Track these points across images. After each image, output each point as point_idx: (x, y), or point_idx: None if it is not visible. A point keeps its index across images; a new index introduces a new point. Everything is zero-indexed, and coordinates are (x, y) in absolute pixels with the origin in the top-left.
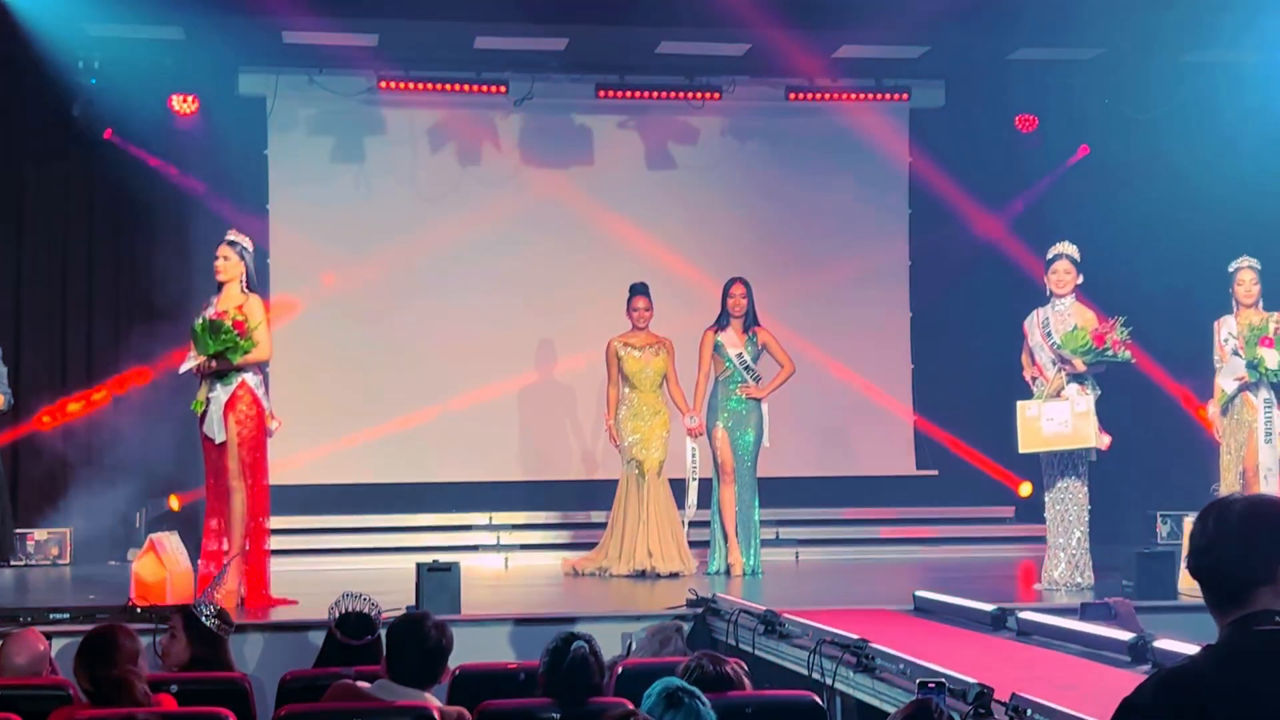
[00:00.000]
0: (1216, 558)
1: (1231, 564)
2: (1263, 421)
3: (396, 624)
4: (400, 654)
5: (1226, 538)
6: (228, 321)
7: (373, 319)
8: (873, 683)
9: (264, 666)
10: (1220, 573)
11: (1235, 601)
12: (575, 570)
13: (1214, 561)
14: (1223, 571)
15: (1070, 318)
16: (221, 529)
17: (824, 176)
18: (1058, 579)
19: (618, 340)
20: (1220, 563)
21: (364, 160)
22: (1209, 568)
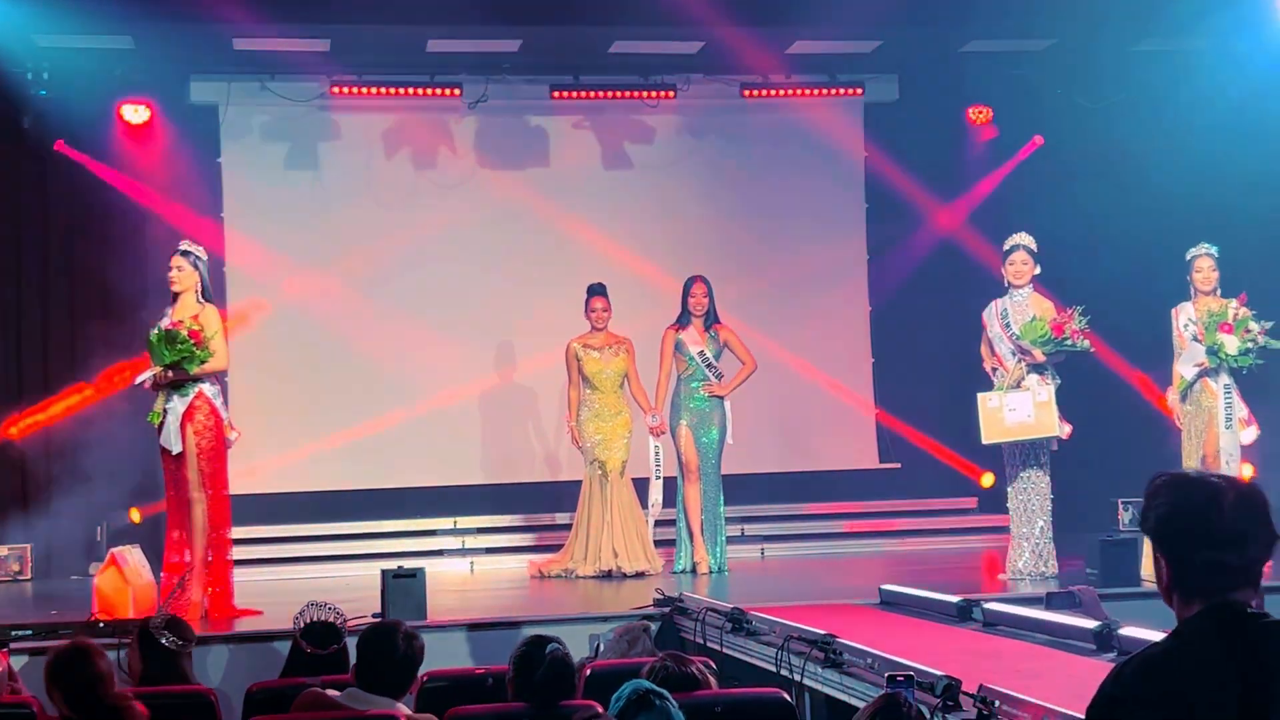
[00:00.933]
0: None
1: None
2: (1223, 407)
3: (367, 633)
4: (370, 664)
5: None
6: (183, 331)
7: (331, 325)
8: (841, 678)
9: (230, 678)
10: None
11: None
12: (541, 573)
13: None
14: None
15: (1028, 308)
16: (183, 541)
17: (780, 173)
18: (1022, 568)
19: (577, 342)
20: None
21: (318, 166)
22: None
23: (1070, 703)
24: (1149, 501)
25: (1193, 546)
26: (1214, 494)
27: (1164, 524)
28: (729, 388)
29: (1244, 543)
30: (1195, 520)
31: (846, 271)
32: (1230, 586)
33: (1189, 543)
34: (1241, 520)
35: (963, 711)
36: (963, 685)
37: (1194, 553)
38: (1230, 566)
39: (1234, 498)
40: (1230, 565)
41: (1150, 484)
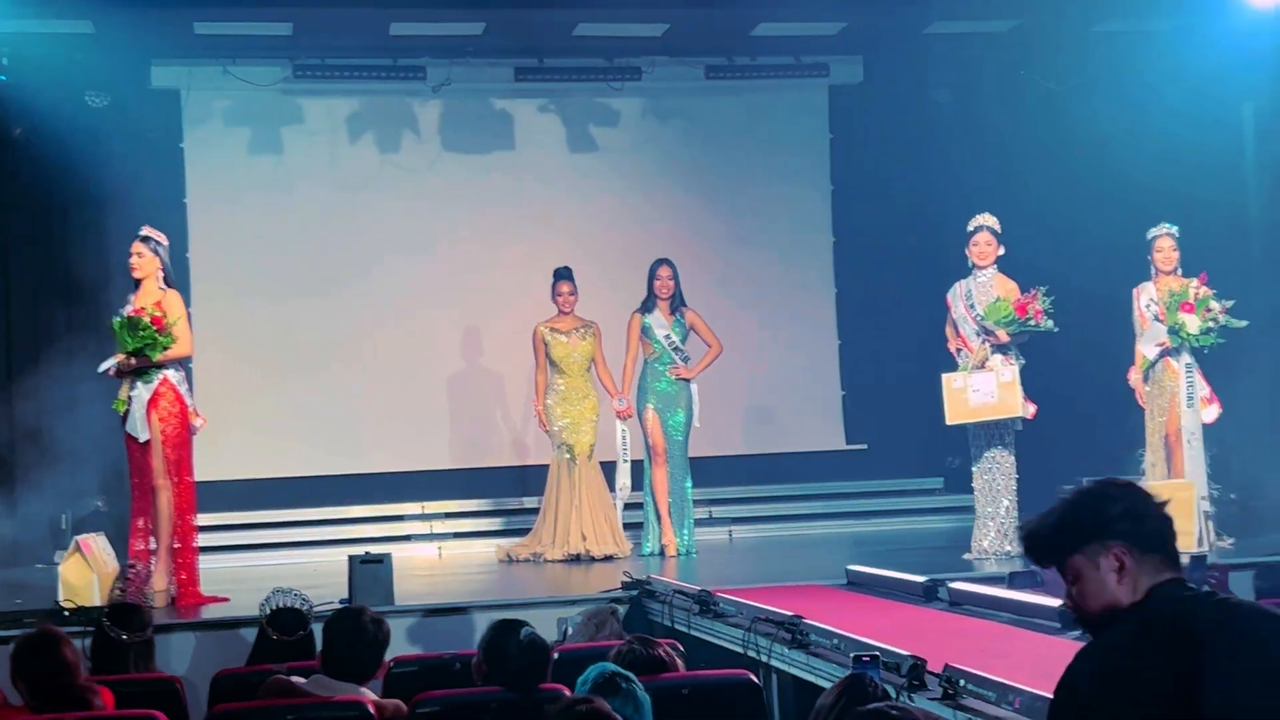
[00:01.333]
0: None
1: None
2: (1184, 386)
3: (332, 619)
4: (336, 649)
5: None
6: (146, 318)
7: (296, 310)
8: (808, 659)
9: (196, 665)
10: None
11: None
12: (509, 556)
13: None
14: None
15: (992, 289)
16: (149, 528)
17: (745, 155)
18: (987, 548)
19: (544, 325)
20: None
21: (282, 151)
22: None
23: (1035, 681)
24: (1101, 500)
25: (1143, 520)
26: (1133, 482)
27: (1129, 510)
28: (695, 370)
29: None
30: (1149, 504)
31: (812, 253)
32: (1173, 556)
33: (1141, 517)
34: (1159, 500)
35: (928, 691)
36: (928, 665)
37: (1145, 525)
38: (1169, 536)
39: (1145, 488)
40: (1169, 535)
41: (1090, 495)
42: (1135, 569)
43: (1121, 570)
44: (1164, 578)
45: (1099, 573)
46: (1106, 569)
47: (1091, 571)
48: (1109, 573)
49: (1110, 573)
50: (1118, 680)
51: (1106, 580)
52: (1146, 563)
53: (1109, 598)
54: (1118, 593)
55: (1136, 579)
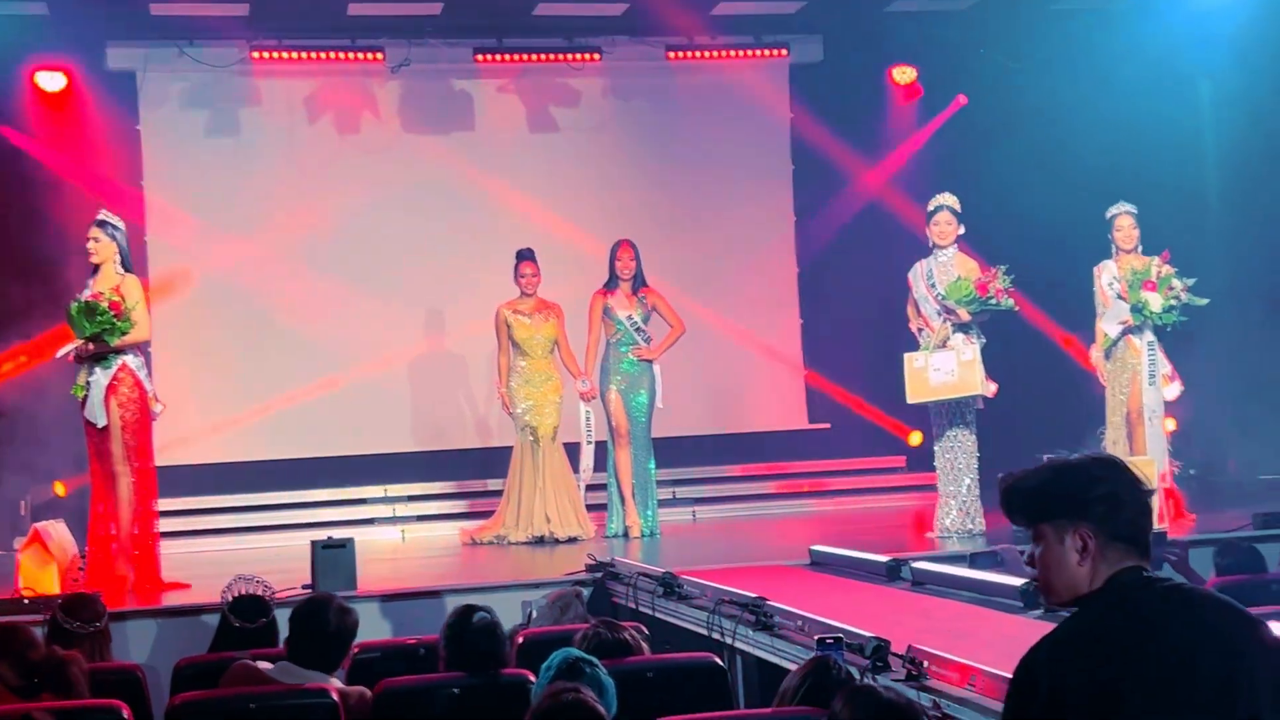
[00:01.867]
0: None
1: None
2: (1146, 364)
3: (299, 608)
4: (302, 638)
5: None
6: (103, 303)
7: (256, 294)
8: (772, 640)
9: (157, 653)
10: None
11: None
12: (473, 539)
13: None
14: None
15: (953, 268)
16: (109, 514)
17: (706, 135)
18: (949, 526)
19: (506, 307)
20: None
21: (239, 133)
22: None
23: (997, 661)
24: (1084, 480)
25: (1119, 510)
26: (1123, 464)
27: (1108, 495)
28: (658, 351)
29: (1149, 509)
30: (1131, 491)
31: (773, 233)
32: (1142, 547)
33: (1118, 507)
34: (1145, 489)
35: (892, 672)
36: (891, 646)
37: (1120, 515)
38: (1142, 528)
39: (1135, 470)
40: (1143, 527)
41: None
42: (1098, 554)
43: (1084, 552)
44: (1125, 565)
45: (1062, 548)
46: (1070, 547)
47: (1055, 544)
48: (1071, 551)
49: (1073, 551)
50: (1071, 668)
51: (1068, 557)
52: (1111, 550)
53: (1068, 576)
54: (1076, 573)
55: (1097, 564)
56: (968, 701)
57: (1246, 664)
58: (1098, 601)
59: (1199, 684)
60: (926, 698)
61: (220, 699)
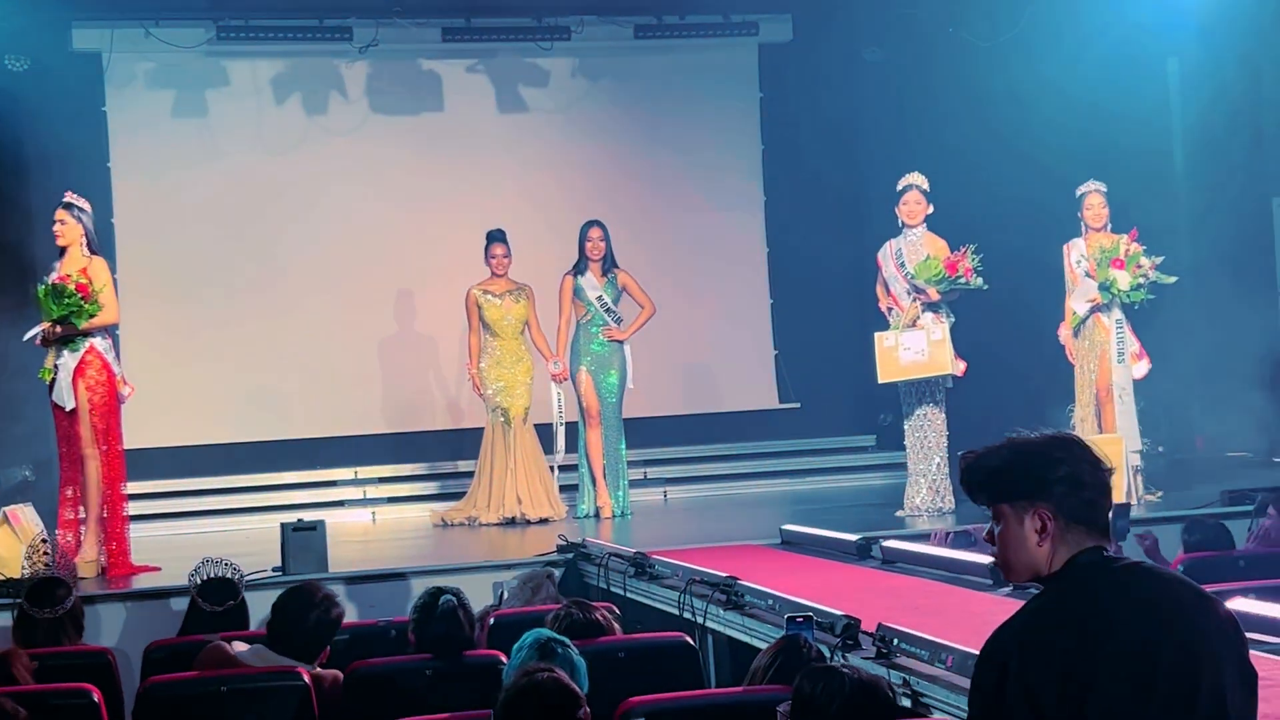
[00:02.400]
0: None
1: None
2: (1114, 342)
3: (284, 597)
4: (283, 627)
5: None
6: (70, 285)
7: (224, 276)
8: (743, 620)
9: (127, 636)
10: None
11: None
12: (444, 521)
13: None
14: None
15: (922, 247)
16: (78, 497)
17: (676, 115)
18: (919, 505)
19: (477, 288)
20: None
21: (206, 114)
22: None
23: (967, 639)
24: (1044, 460)
25: (1079, 490)
26: (1083, 442)
27: (1067, 476)
28: (628, 332)
29: (1109, 489)
30: (1091, 471)
31: (744, 213)
32: (1101, 527)
33: (1078, 487)
34: (1105, 467)
35: (862, 650)
36: (862, 624)
37: (1080, 495)
38: (1101, 508)
39: (1096, 449)
40: (1102, 507)
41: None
42: (1058, 535)
43: (1043, 532)
44: (1085, 546)
45: (1021, 529)
46: (1030, 528)
47: (1015, 525)
48: (1031, 532)
49: (1032, 532)
50: (1036, 649)
51: (1027, 538)
52: (1071, 531)
53: (1027, 556)
54: (1036, 553)
55: (1057, 545)
56: (937, 679)
57: (1208, 640)
58: (1059, 583)
59: (1164, 661)
60: (896, 675)
61: (191, 681)
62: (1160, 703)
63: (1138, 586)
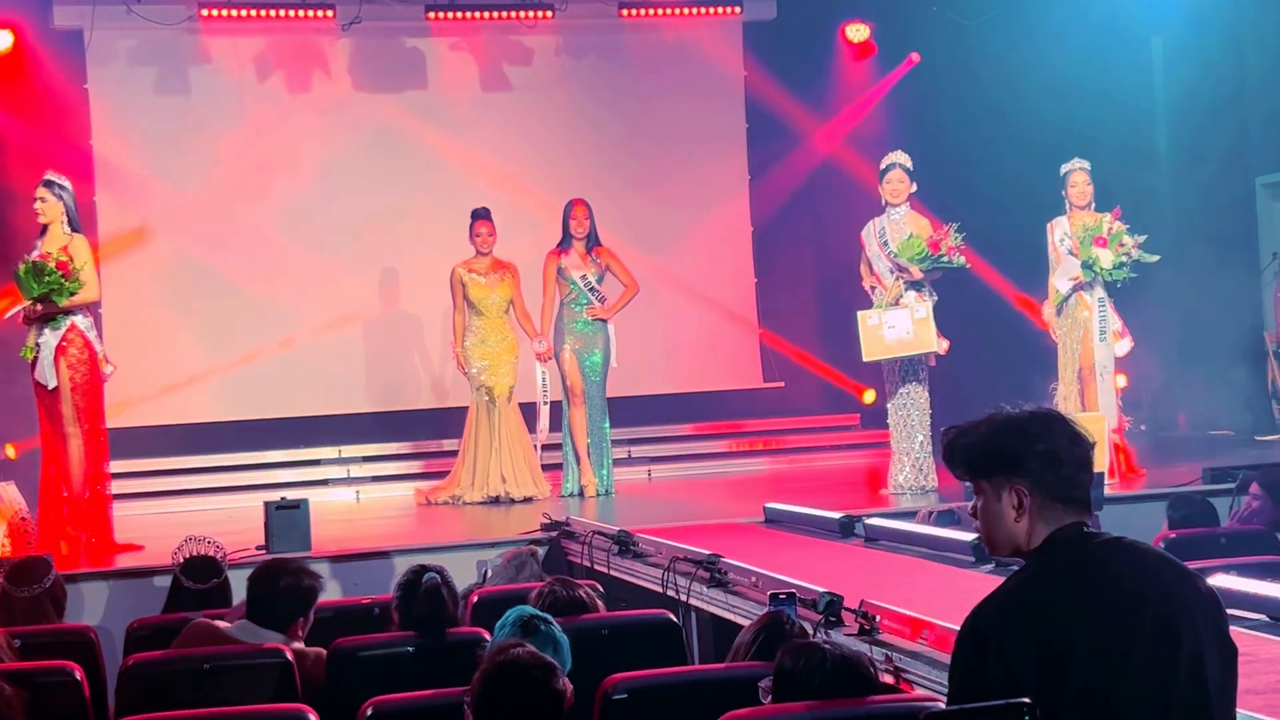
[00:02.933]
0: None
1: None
2: (1097, 320)
3: (260, 571)
4: (263, 600)
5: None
6: (51, 263)
7: (207, 254)
8: (726, 597)
9: (110, 615)
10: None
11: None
12: (428, 499)
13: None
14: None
15: (906, 226)
16: (60, 476)
17: (660, 93)
18: (903, 483)
19: (462, 267)
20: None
21: (189, 91)
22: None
23: (949, 615)
24: (1021, 437)
25: (1057, 467)
26: (1064, 418)
27: (1045, 453)
28: (612, 310)
29: (1089, 464)
30: (1070, 447)
31: (728, 191)
32: (1082, 503)
33: (1055, 464)
34: (1085, 442)
35: (845, 627)
36: (844, 601)
37: (1057, 473)
38: (1081, 484)
39: (1076, 424)
40: (1081, 483)
41: (1015, 428)
42: (1035, 511)
43: (1020, 508)
44: (1066, 522)
45: (999, 504)
46: (1007, 504)
47: (993, 501)
48: (1008, 508)
49: (1010, 508)
50: (1016, 625)
51: (1005, 513)
52: (1050, 508)
53: (1005, 532)
54: (1014, 529)
55: (1035, 521)
56: (920, 655)
57: (1188, 614)
58: (1039, 558)
59: (1143, 636)
60: (879, 651)
61: (174, 659)
62: (1139, 676)
63: (1117, 561)
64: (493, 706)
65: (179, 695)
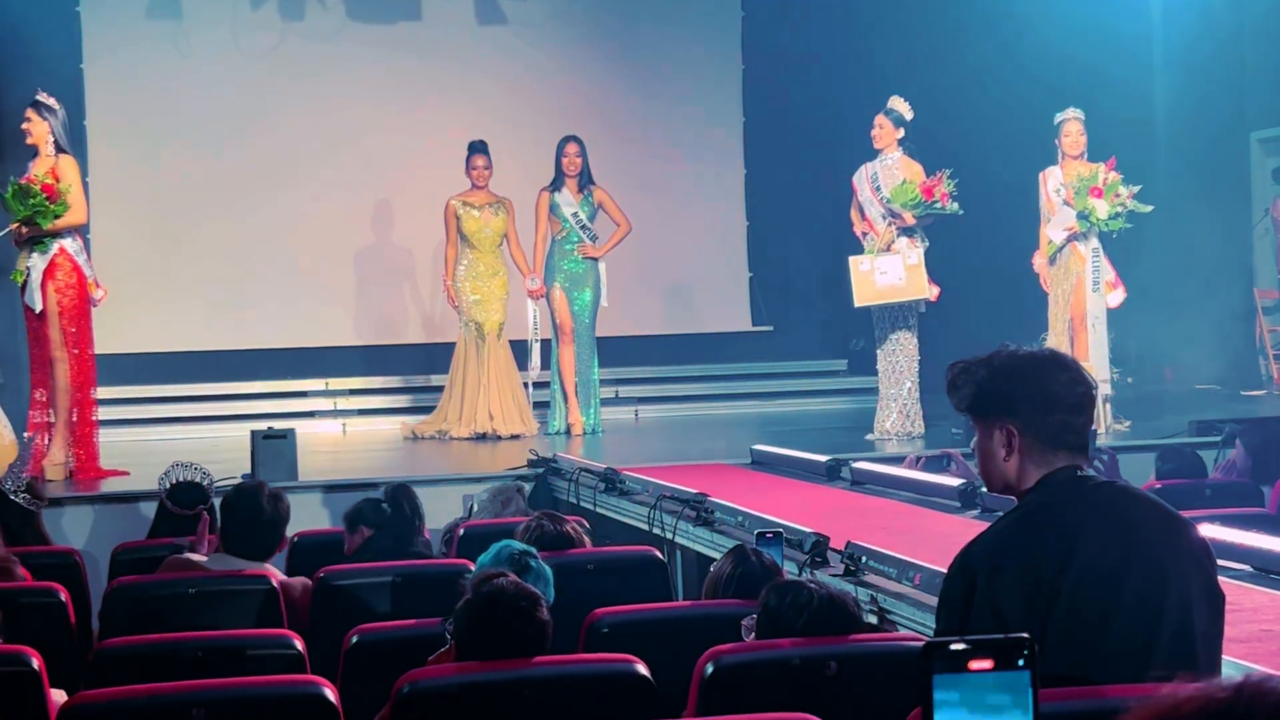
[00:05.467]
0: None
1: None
2: (1090, 271)
3: (230, 495)
4: (233, 526)
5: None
6: (36, 185)
7: (198, 180)
8: (712, 535)
9: (95, 539)
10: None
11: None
12: (414, 434)
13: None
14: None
15: (898, 171)
16: (47, 400)
17: (656, 33)
18: (889, 429)
19: (457, 199)
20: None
21: (181, 17)
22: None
23: (934, 558)
24: (1016, 378)
25: (1048, 411)
26: (1062, 361)
27: (1037, 395)
28: (603, 250)
29: (1086, 407)
30: (1067, 391)
31: (722, 132)
32: (1076, 447)
33: (1047, 408)
34: (1083, 385)
35: (830, 567)
36: (830, 542)
37: (1049, 417)
38: (1075, 428)
39: (1076, 367)
40: (1076, 427)
41: (1012, 368)
42: (1025, 452)
43: (1009, 449)
44: (1060, 465)
45: (991, 443)
46: (997, 442)
47: (985, 439)
48: (999, 446)
49: (1000, 447)
50: (1005, 563)
51: (995, 452)
52: (1040, 450)
53: (996, 469)
54: (1004, 467)
55: (1024, 461)
56: (904, 597)
57: (1177, 558)
58: (1031, 497)
59: (1131, 578)
60: (864, 593)
61: (159, 582)
62: (1125, 617)
63: (1108, 504)
64: (477, 635)
65: (164, 619)
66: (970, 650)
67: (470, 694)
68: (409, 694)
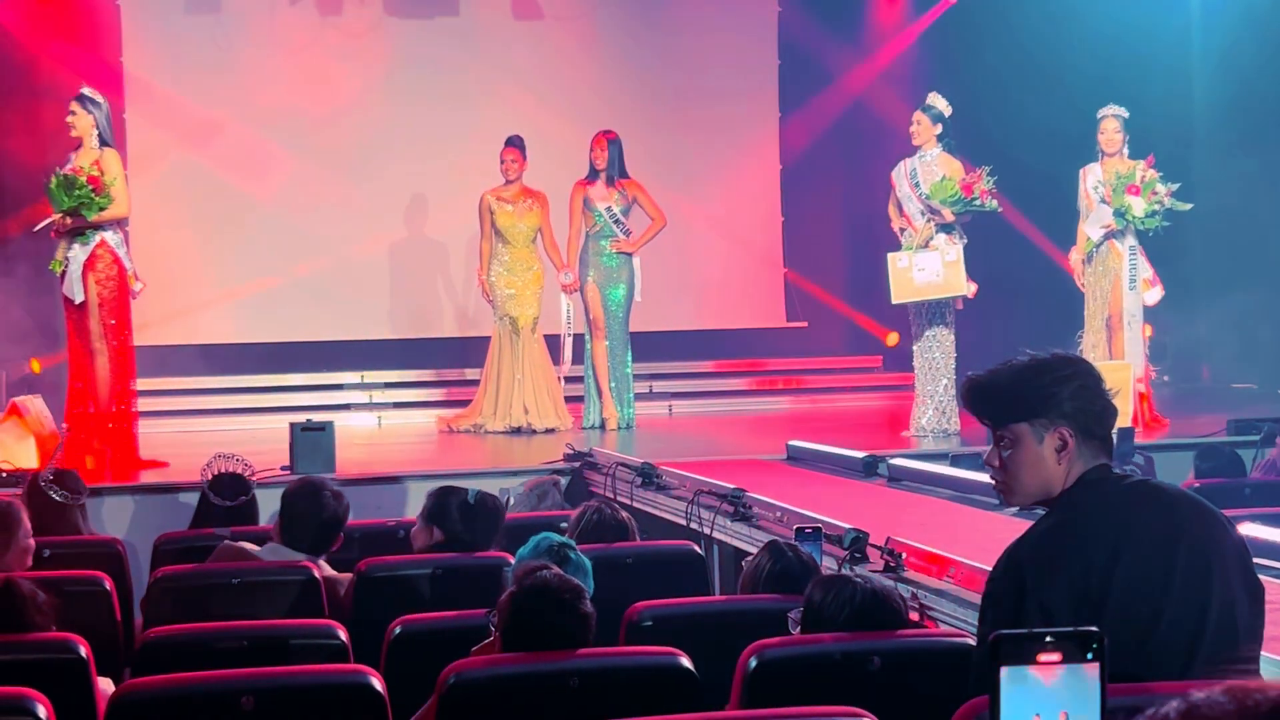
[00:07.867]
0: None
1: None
2: (1127, 268)
3: (293, 490)
4: (294, 521)
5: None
6: (82, 177)
7: (236, 174)
8: (750, 531)
9: (135, 530)
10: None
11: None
12: (450, 427)
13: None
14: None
15: (937, 168)
16: (86, 392)
17: (692, 27)
18: (925, 425)
19: (491, 194)
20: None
21: (220, 10)
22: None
23: (974, 554)
24: (1057, 377)
25: (1092, 405)
26: (1073, 358)
27: (1080, 391)
28: (637, 244)
29: (1113, 407)
30: (1099, 388)
31: (758, 129)
32: (1109, 441)
33: (1090, 403)
34: (1099, 377)
35: (870, 563)
36: (869, 538)
37: (1092, 410)
38: (1109, 422)
39: (1095, 370)
40: (1109, 421)
41: (1045, 367)
42: (1076, 452)
43: (1063, 450)
44: (1096, 463)
45: (1040, 447)
46: (1050, 446)
47: (1033, 444)
48: (1051, 450)
49: (1052, 450)
50: (1052, 565)
51: (1047, 457)
52: (1086, 447)
53: (1045, 475)
54: (1054, 472)
55: (1074, 462)
56: (945, 593)
57: (1218, 553)
58: (1071, 498)
59: (1177, 574)
60: (905, 588)
61: (204, 572)
62: (1172, 614)
63: (1147, 502)
64: (522, 628)
65: (208, 609)
66: (1039, 643)
67: (516, 685)
68: (455, 684)
